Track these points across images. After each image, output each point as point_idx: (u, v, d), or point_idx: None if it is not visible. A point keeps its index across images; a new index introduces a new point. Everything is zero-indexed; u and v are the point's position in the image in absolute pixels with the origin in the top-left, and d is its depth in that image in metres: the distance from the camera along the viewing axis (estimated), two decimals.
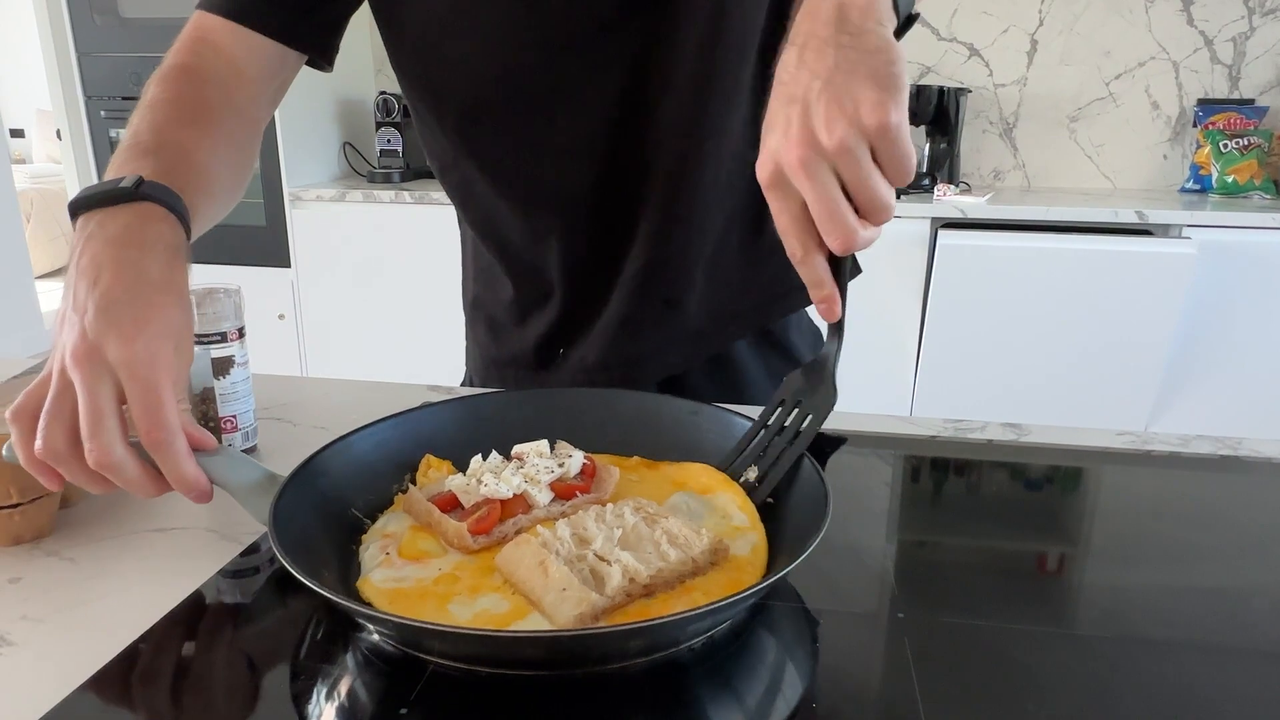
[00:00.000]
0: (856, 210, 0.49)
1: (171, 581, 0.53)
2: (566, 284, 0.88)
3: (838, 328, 0.56)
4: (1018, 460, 0.74)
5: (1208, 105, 2.57)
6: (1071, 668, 0.47)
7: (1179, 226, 2.22)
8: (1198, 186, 2.56)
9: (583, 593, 0.47)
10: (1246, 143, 2.46)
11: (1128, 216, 2.23)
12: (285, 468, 0.55)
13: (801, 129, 0.48)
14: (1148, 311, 2.19)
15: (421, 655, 0.45)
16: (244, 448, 0.71)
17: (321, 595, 0.43)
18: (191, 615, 0.51)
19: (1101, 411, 2.29)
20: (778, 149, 0.49)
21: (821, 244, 0.51)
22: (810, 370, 0.60)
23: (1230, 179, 2.48)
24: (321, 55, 0.79)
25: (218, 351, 0.68)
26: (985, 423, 0.79)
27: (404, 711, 0.42)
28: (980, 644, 0.49)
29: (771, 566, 0.53)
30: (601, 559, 0.50)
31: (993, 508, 0.68)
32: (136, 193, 0.55)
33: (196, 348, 0.67)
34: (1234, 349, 2.26)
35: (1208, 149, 2.51)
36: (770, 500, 0.58)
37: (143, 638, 0.48)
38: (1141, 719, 0.43)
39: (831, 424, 0.80)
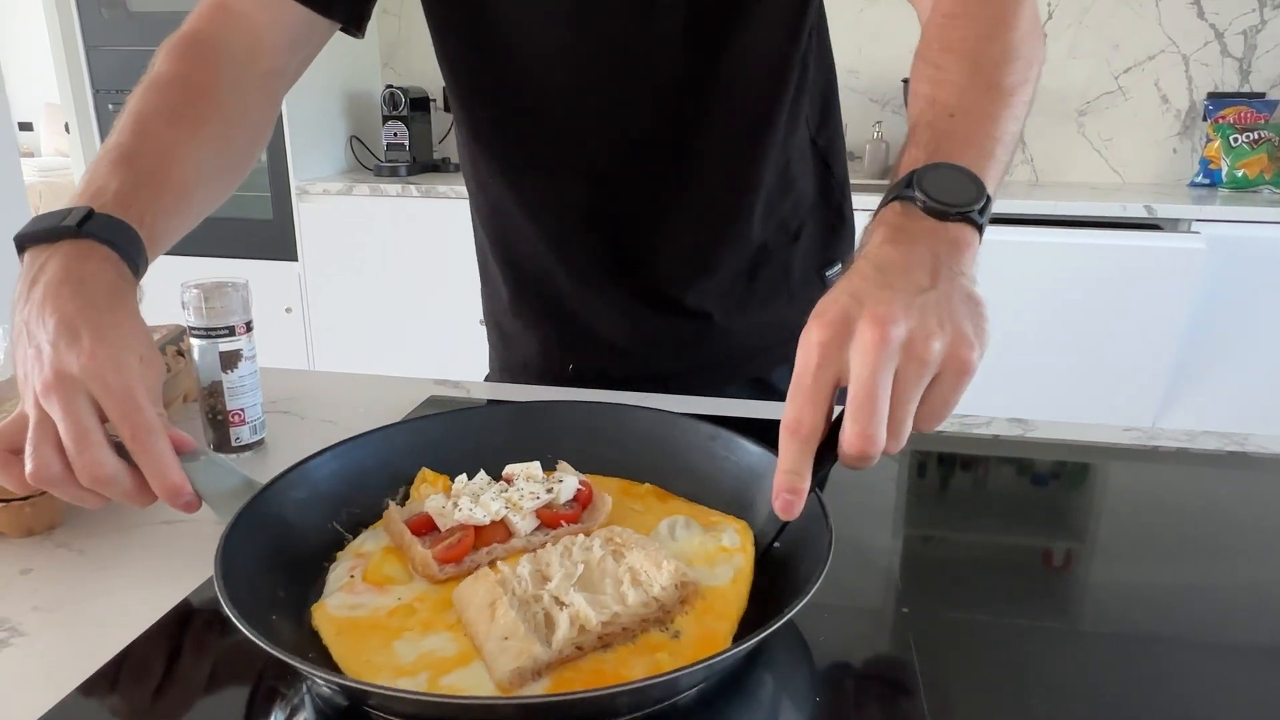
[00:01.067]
0: None
1: (178, 574, 0.54)
2: (576, 296, 0.88)
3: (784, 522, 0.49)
4: (1024, 456, 0.74)
5: (1218, 99, 2.55)
6: (1077, 663, 0.47)
7: (1188, 221, 2.20)
8: (1207, 181, 2.54)
9: (525, 643, 0.43)
10: (1257, 137, 2.44)
11: (1136, 211, 2.22)
12: (293, 461, 0.56)
13: (896, 312, 0.44)
14: (1156, 307, 2.18)
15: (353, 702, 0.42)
16: (252, 441, 0.71)
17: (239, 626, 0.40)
18: (182, 620, 0.50)
19: (1108, 407, 2.27)
20: (855, 314, 0.45)
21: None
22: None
23: (1240, 173, 2.46)
24: (354, 23, 0.77)
25: (225, 345, 0.69)
26: (991, 418, 0.79)
27: None
28: (985, 639, 0.49)
29: (757, 605, 0.49)
30: (558, 601, 0.46)
31: (998, 503, 0.68)
32: (79, 230, 0.54)
33: (204, 341, 0.68)
34: (1242, 344, 2.25)
35: (1217, 143, 2.49)
36: (776, 545, 0.53)
37: (137, 640, 0.48)
38: (1147, 715, 0.43)
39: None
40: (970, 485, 0.72)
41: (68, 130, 2.86)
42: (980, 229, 0.50)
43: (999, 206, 2.27)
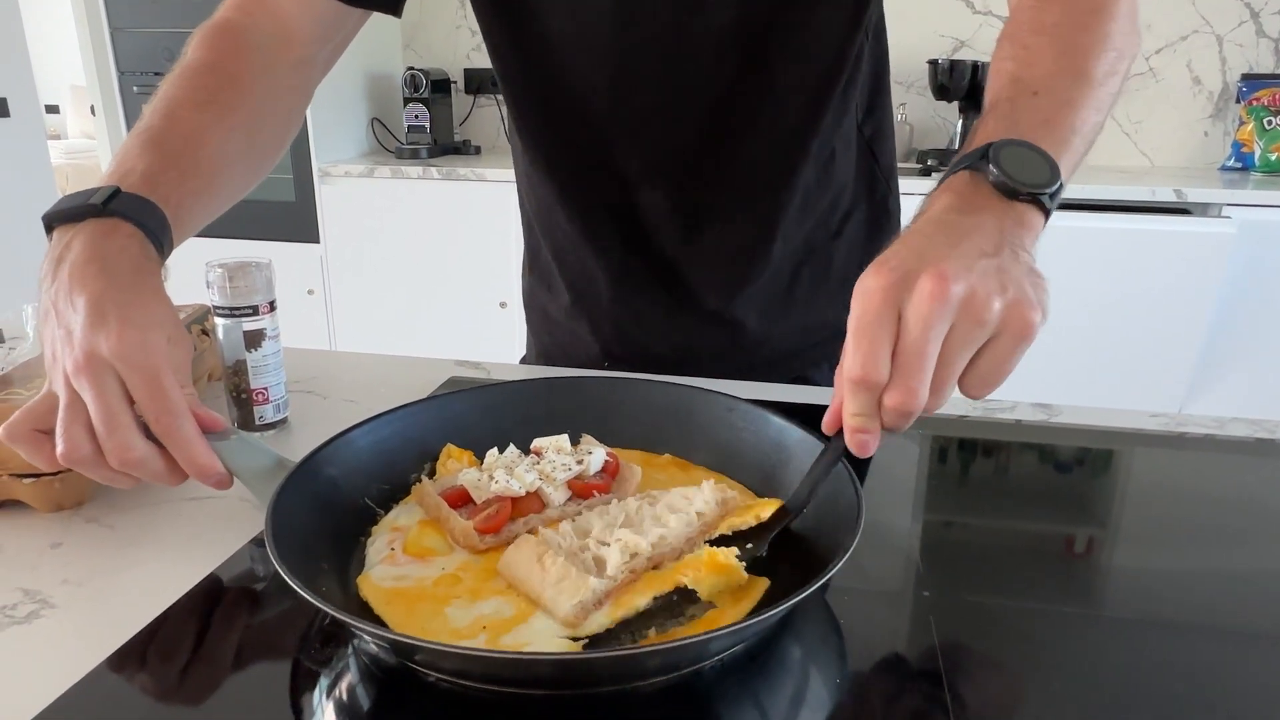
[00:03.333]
0: None
1: (205, 549, 0.54)
2: (617, 298, 0.88)
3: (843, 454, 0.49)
4: (1047, 441, 0.74)
5: (1252, 80, 2.49)
6: (1098, 649, 0.46)
7: (1218, 205, 2.16)
8: (1239, 164, 2.50)
9: (580, 579, 0.45)
10: None
11: (1165, 195, 2.18)
12: (316, 439, 0.56)
13: (957, 269, 0.43)
14: (1185, 292, 2.14)
15: (406, 664, 0.43)
16: (275, 419, 0.72)
17: (303, 597, 0.41)
18: (211, 594, 0.51)
19: (1135, 393, 2.25)
20: (915, 266, 0.44)
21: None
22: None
23: (1274, 157, 2.41)
24: (388, 7, 0.76)
25: (249, 325, 0.69)
26: (1015, 403, 0.78)
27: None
28: (1006, 624, 0.49)
29: (788, 576, 0.49)
30: (602, 543, 0.49)
31: (1021, 489, 0.67)
32: (104, 209, 0.55)
33: (228, 320, 0.69)
34: (1273, 330, 2.21)
35: (1250, 125, 2.44)
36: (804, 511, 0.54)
37: (166, 613, 0.49)
38: (1168, 702, 0.43)
39: None
40: (992, 471, 0.71)
41: (93, 112, 2.88)
42: (1048, 214, 0.49)
43: None
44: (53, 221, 0.56)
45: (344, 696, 0.43)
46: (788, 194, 0.82)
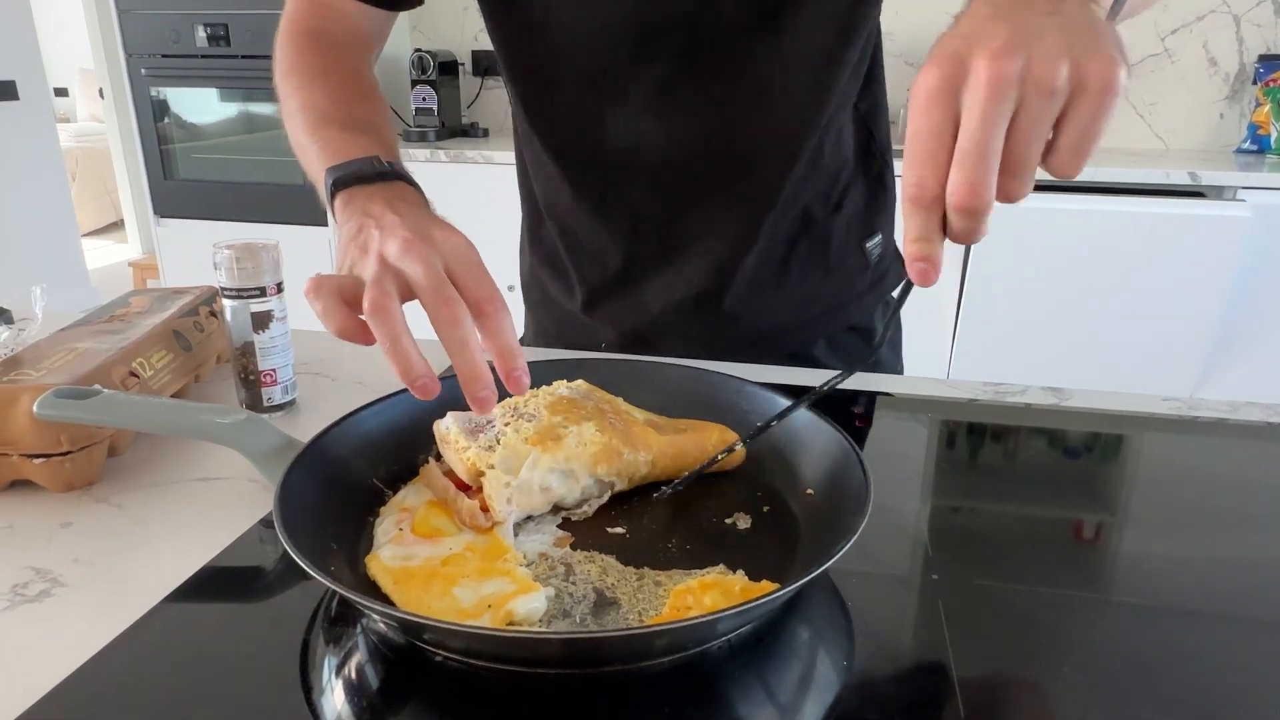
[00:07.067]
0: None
1: (215, 529, 0.55)
2: (627, 277, 0.88)
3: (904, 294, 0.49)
4: (1058, 425, 0.73)
5: (1269, 61, 2.45)
6: (1107, 635, 0.46)
7: (1233, 188, 2.14)
8: (1255, 147, 2.46)
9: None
10: None
11: (1180, 178, 2.16)
12: (324, 421, 0.56)
13: (1013, 42, 0.39)
14: (1198, 275, 2.12)
15: (414, 643, 0.44)
16: (284, 401, 0.72)
17: (315, 576, 0.42)
18: (221, 573, 0.52)
19: (1147, 378, 2.23)
20: (968, 53, 0.40)
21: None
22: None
23: None
24: (413, 4, 0.84)
25: (257, 306, 0.69)
26: (1025, 386, 0.78)
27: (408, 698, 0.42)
28: (1014, 607, 0.49)
29: (797, 557, 0.51)
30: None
31: (1031, 473, 0.67)
32: (391, 172, 0.61)
33: (236, 301, 0.69)
34: None
35: (1267, 107, 2.41)
36: (810, 493, 0.55)
37: (176, 591, 0.49)
38: (1178, 686, 0.43)
39: (866, 384, 0.79)
40: (1002, 455, 0.71)
41: (102, 96, 2.89)
42: None
43: (1037, 172, 2.22)
44: (341, 184, 0.60)
45: (353, 676, 0.43)
46: (792, 167, 0.81)
